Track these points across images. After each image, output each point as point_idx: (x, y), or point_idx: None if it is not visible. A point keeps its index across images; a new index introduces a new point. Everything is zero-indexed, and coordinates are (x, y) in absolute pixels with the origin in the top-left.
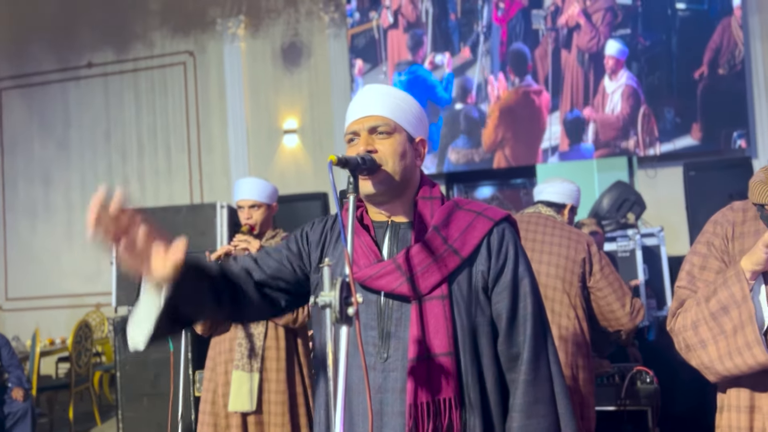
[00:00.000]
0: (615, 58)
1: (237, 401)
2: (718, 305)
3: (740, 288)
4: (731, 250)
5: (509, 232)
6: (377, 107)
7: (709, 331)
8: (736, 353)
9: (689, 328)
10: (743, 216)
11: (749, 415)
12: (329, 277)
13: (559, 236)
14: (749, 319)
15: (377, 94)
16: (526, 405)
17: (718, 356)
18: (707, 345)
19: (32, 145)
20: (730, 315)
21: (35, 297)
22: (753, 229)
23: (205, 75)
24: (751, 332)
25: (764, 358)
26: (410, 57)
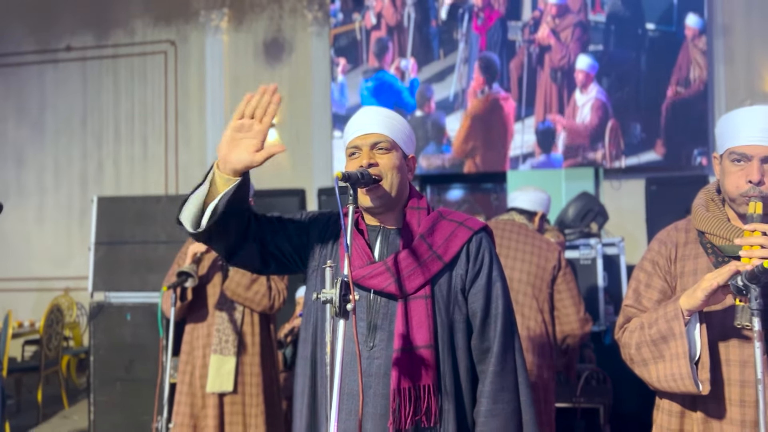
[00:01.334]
0: (585, 72)
1: (215, 383)
2: (658, 334)
3: (678, 325)
4: (673, 270)
5: (486, 241)
6: (377, 126)
7: (650, 353)
8: (671, 379)
9: (633, 347)
10: (685, 237)
11: (680, 419)
12: (330, 276)
13: (531, 244)
14: (684, 354)
15: (377, 115)
16: (493, 392)
17: (657, 377)
18: (648, 364)
19: (6, 126)
20: (668, 344)
21: (4, 279)
22: (693, 252)
23: (185, 66)
24: (685, 365)
25: (693, 389)
26: (377, 63)
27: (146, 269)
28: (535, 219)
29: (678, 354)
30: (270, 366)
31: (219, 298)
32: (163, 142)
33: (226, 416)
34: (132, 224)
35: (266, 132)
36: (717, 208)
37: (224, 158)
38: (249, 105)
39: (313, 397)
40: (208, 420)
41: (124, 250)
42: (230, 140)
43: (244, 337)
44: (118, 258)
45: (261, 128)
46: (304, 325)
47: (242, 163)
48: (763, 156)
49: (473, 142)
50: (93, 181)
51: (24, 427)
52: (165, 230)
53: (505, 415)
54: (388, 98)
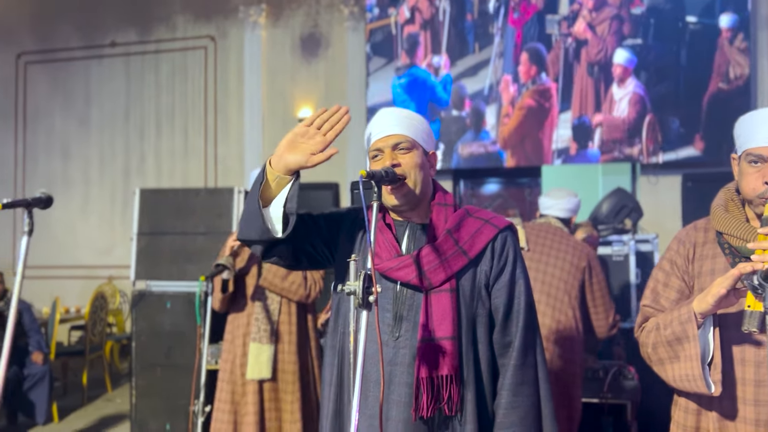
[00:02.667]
0: (623, 66)
1: (254, 370)
2: (673, 336)
3: (691, 327)
4: (691, 270)
5: (511, 239)
6: (397, 127)
7: (665, 353)
8: (686, 380)
9: (650, 347)
10: (704, 237)
11: (697, 416)
12: (354, 269)
13: (565, 246)
14: (696, 356)
15: (396, 116)
16: (514, 385)
17: (672, 377)
18: (665, 364)
19: (54, 120)
20: (683, 346)
21: (51, 266)
22: (711, 252)
23: (224, 61)
24: (697, 367)
25: (704, 389)
26: (408, 60)
27: (185, 259)
28: (570, 225)
29: (691, 356)
30: (306, 354)
31: (257, 288)
32: (202, 135)
33: (265, 402)
34: (172, 216)
35: (327, 144)
36: (736, 208)
37: (280, 155)
38: (320, 117)
39: (339, 386)
40: (248, 406)
41: (165, 241)
42: (290, 142)
43: (280, 326)
44: (158, 248)
45: (323, 140)
46: (333, 316)
47: (298, 162)
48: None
49: (522, 135)
50: (135, 174)
51: (70, 408)
52: (203, 222)
53: (525, 408)
54: (421, 94)
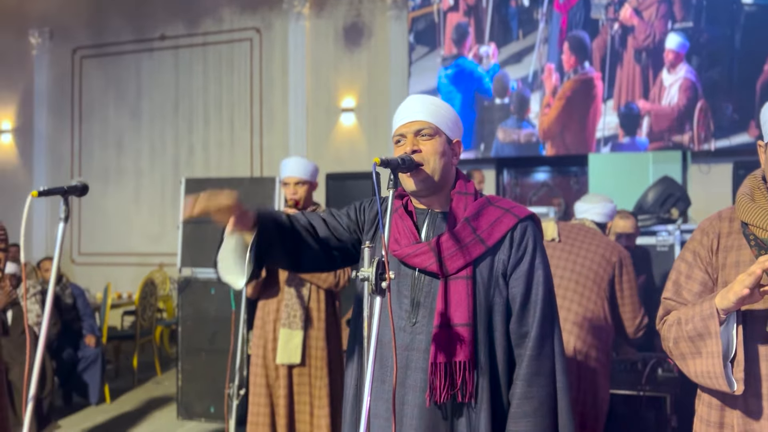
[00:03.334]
0: (675, 51)
1: (284, 355)
2: (694, 331)
3: (713, 324)
4: (714, 262)
5: (531, 229)
6: (421, 113)
7: (687, 348)
8: (707, 377)
9: (671, 341)
10: (729, 227)
11: (720, 412)
12: (368, 256)
13: (597, 241)
14: (718, 353)
15: (421, 102)
16: (529, 375)
17: (694, 373)
18: (686, 359)
19: (108, 113)
20: (705, 342)
21: (104, 254)
22: (737, 243)
23: (269, 52)
24: (719, 365)
25: (726, 388)
26: (455, 50)
27: None
28: (606, 230)
29: (713, 353)
30: (335, 340)
31: (288, 275)
32: (248, 126)
33: (295, 387)
34: None
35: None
36: (763, 197)
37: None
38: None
39: (360, 370)
40: (280, 390)
41: (210, 229)
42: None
43: (310, 313)
44: (204, 236)
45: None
46: (355, 303)
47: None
48: None
49: (563, 125)
50: (184, 164)
51: (121, 390)
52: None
53: (540, 399)
54: (467, 86)
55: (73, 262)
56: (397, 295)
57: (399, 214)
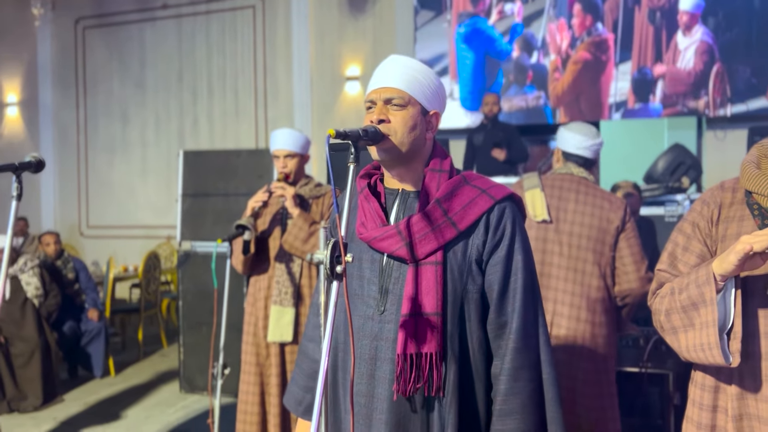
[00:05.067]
0: (690, 12)
1: (275, 332)
2: (688, 300)
3: (709, 290)
4: (714, 234)
5: (510, 211)
6: (395, 80)
7: (680, 321)
8: (700, 349)
9: (663, 314)
10: (731, 197)
11: (714, 394)
12: (324, 238)
13: (591, 204)
14: (713, 322)
15: (397, 67)
16: (514, 370)
17: (686, 346)
18: (678, 332)
19: (112, 84)
20: (699, 312)
21: (112, 226)
22: (739, 214)
23: (273, 20)
24: (713, 334)
25: (721, 360)
26: (472, 9)
27: (228, 220)
28: (594, 169)
29: (707, 322)
30: None
31: (279, 251)
32: (252, 96)
33: (287, 365)
34: (215, 177)
35: None
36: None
37: None
38: None
39: (335, 357)
40: (272, 368)
41: (208, 202)
42: None
43: (302, 290)
44: (202, 209)
45: None
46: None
47: None
48: None
49: (578, 90)
50: (189, 135)
51: (126, 363)
52: (245, 183)
53: (526, 394)
54: (479, 46)
55: (81, 234)
56: (366, 281)
57: (365, 194)
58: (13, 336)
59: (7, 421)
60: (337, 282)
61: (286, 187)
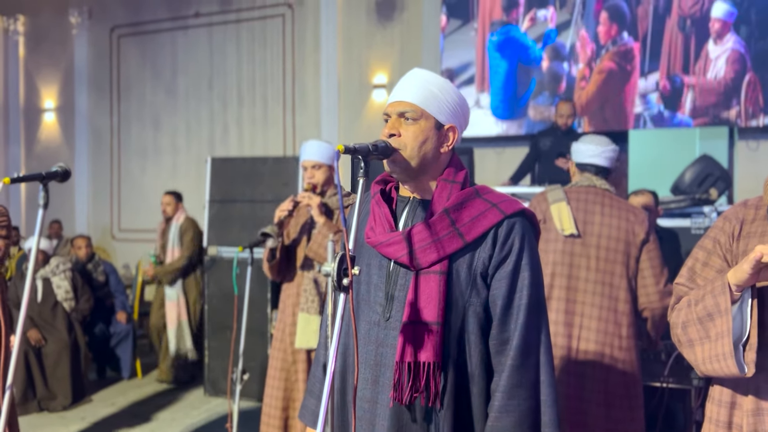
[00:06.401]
0: (722, 20)
1: (302, 339)
2: (704, 311)
3: (724, 300)
4: (735, 249)
5: (520, 226)
6: (410, 94)
7: (696, 333)
8: (716, 360)
9: (680, 326)
10: (754, 214)
11: (729, 410)
12: (332, 250)
13: (617, 217)
14: (728, 332)
15: (414, 81)
16: (510, 387)
17: (702, 358)
18: (695, 345)
19: (144, 91)
20: (714, 322)
21: (143, 230)
22: (760, 230)
23: (302, 28)
24: (728, 344)
25: (736, 370)
26: (504, 17)
27: (253, 226)
28: (610, 175)
29: (722, 332)
30: None
31: (305, 259)
32: (281, 103)
33: None
34: (242, 184)
35: None
36: None
37: None
38: None
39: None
40: (299, 374)
41: (235, 208)
42: None
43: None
44: (229, 215)
45: None
46: None
47: None
48: None
49: (602, 99)
50: (219, 142)
51: (153, 365)
52: (271, 190)
53: (520, 413)
54: (512, 54)
55: (113, 237)
56: (373, 287)
57: (376, 200)
58: (46, 336)
59: (36, 420)
60: (343, 294)
61: (312, 196)
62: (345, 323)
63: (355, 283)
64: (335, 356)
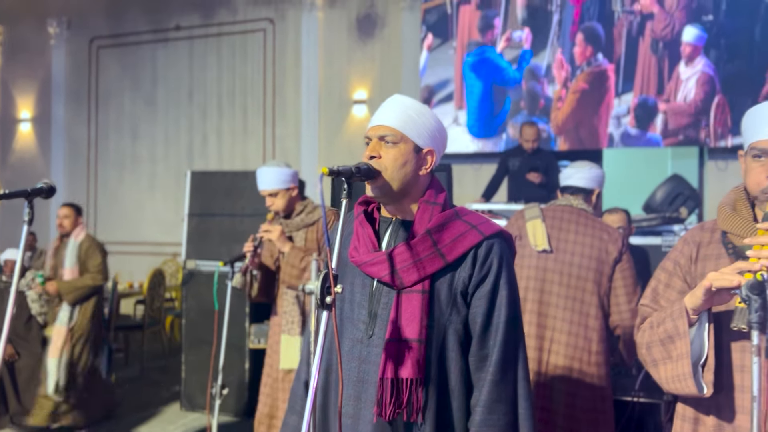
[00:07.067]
0: (692, 44)
1: (286, 360)
2: (665, 333)
3: (682, 323)
4: (693, 271)
5: (498, 247)
6: (390, 118)
7: (659, 353)
8: (677, 379)
9: (644, 347)
10: (710, 237)
11: (694, 426)
12: (315, 269)
13: (591, 235)
14: (686, 354)
15: (394, 106)
16: (489, 402)
17: (665, 378)
18: (658, 365)
19: (123, 101)
20: (675, 344)
21: (120, 242)
22: (716, 252)
23: (283, 42)
24: (687, 365)
25: (695, 390)
26: (480, 38)
27: (233, 240)
28: (592, 197)
29: (682, 354)
30: None
31: None
32: (261, 116)
33: None
34: (221, 198)
35: None
36: (745, 207)
37: None
38: None
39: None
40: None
41: (214, 222)
42: None
43: (308, 318)
44: (208, 229)
45: None
46: None
47: None
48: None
49: (577, 119)
50: (198, 153)
51: (128, 379)
52: (251, 204)
53: (500, 427)
54: (487, 75)
55: None
56: (356, 305)
57: (360, 220)
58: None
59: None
60: (326, 312)
61: (270, 228)
62: (328, 340)
63: (338, 301)
64: (318, 372)
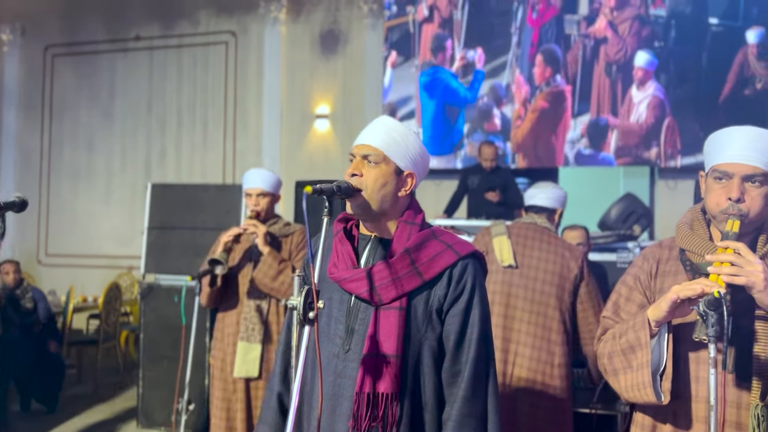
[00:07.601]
0: (644, 69)
1: (241, 368)
2: (627, 344)
3: (644, 334)
4: (653, 286)
5: (472, 267)
6: (375, 139)
7: (620, 363)
8: (636, 388)
9: (606, 356)
10: (668, 254)
11: None
12: (298, 285)
13: (554, 252)
14: (647, 363)
15: (380, 127)
16: (461, 417)
17: (625, 387)
18: (618, 374)
19: (79, 112)
20: (636, 354)
21: (73, 255)
22: (674, 269)
23: (245, 56)
24: (647, 374)
25: (654, 398)
26: (432, 59)
27: (194, 254)
28: (555, 217)
29: (642, 363)
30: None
31: (249, 287)
32: (221, 129)
33: (252, 400)
34: (182, 211)
35: None
36: (701, 227)
37: None
38: None
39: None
40: (239, 403)
41: (174, 235)
42: None
43: (269, 326)
44: (168, 242)
45: None
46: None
47: None
48: (744, 174)
49: (536, 137)
50: (156, 166)
51: (81, 396)
52: (212, 217)
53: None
54: (439, 96)
55: (39, 262)
56: (333, 320)
57: (339, 237)
58: None
59: None
60: (308, 327)
61: (258, 225)
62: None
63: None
64: (299, 387)
